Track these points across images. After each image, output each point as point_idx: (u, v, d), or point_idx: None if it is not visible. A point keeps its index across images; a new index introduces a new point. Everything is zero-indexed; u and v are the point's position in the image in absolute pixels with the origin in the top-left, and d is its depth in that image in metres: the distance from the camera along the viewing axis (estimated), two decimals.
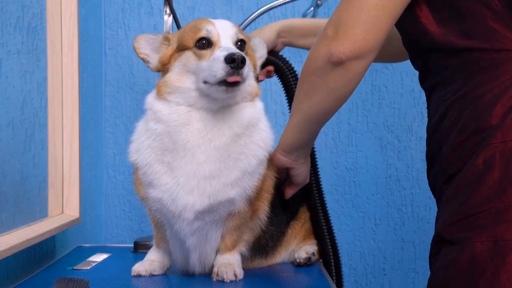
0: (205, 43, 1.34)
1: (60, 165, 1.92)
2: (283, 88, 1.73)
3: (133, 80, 2.48)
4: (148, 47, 1.43)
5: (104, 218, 2.49)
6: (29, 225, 1.69)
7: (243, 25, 1.97)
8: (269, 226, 1.53)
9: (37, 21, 1.82)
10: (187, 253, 1.45)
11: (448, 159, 1.20)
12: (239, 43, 1.37)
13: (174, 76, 1.37)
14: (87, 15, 2.24)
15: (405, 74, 2.46)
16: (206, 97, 1.34)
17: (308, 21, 1.75)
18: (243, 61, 1.25)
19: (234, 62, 1.25)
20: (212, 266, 1.47)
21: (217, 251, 1.47)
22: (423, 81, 1.35)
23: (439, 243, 1.17)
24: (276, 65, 1.70)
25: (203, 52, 1.34)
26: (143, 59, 1.44)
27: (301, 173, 1.52)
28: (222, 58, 1.26)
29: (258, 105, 1.43)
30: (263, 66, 1.66)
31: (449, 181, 1.19)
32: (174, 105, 1.35)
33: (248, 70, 1.30)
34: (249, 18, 1.99)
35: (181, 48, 1.38)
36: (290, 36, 1.72)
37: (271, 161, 1.49)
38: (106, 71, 2.48)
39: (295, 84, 1.67)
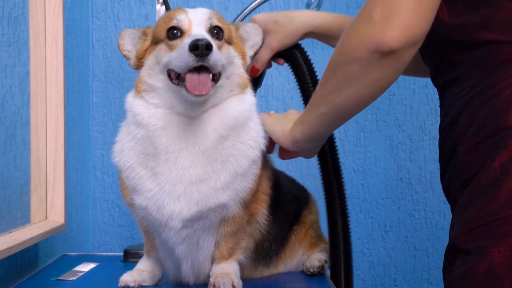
0: (176, 32, 1.35)
1: (44, 167, 1.92)
2: (297, 82, 1.63)
3: (123, 75, 2.48)
4: (130, 43, 1.45)
5: (92, 224, 2.48)
6: (10, 232, 1.69)
7: (242, 15, 1.97)
8: (270, 230, 1.53)
9: (18, 10, 1.81)
10: (178, 262, 1.46)
11: (463, 163, 1.19)
12: (215, 30, 1.37)
13: (147, 70, 1.39)
14: (73, 4, 2.24)
15: None
16: (183, 101, 1.34)
17: (339, 19, 1.62)
18: (208, 47, 1.25)
19: (197, 49, 1.25)
20: (207, 276, 1.47)
21: (213, 260, 1.47)
22: (435, 78, 1.34)
23: (453, 253, 1.17)
24: (292, 56, 1.61)
25: (174, 42, 1.34)
26: (125, 56, 1.46)
27: (305, 155, 1.51)
28: (187, 47, 1.26)
29: (248, 100, 1.42)
30: (277, 56, 1.62)
31: (464, 186, 1.18)
32: (153, 107, 1.37)
33: (218, 58, 1.30)
34: (248, 8, 1.98)
35: (155, 41, 1.40)
36: (319, 38, 1.64)
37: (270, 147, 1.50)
38: (94, 64, 2.48)
39: (312, 79, 1.59)
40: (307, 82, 1.60)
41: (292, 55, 1.61)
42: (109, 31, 2.47)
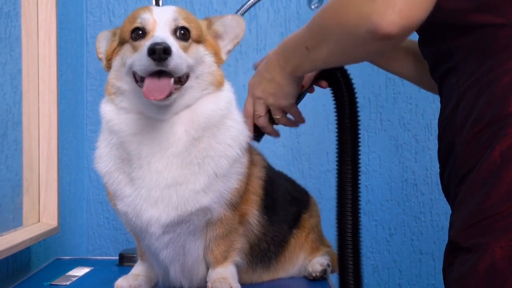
0: (140, 33, 1.35)
1: (36, 168, 1.92)
2: (335, 109, 1.49)
3: None
4: (104, 45, 1.46)
5: (86, 227, 2.49)
6: (1, 235, 1.69)
7: (241, 10, 1.97)
8: (266, 231, 1.54)
9: (10, 6, 1.82)
10: (165, 266, 1.47)
11: (461, 156, 1.17)
12: (181, 31, 1.36)
13: (114, 72, 1.40)
14: None
15: None
16: (150, 104, 1.34)
17: None
18: (165, 51, 1.25)
19: (155, 54, 1.25)
20: (202, 280, 1.48)
21: (208, 265, 1.48)
22: (433, 70, 1.32)
23: (453, 252, 1.15)
24: (334, 79, 1.49)
25: (138, 43, 1.34)
26: (100, 60, 1.46)
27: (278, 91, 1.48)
28: (145, 50, 1.27)
29: (224, 98, 1.41)
30: (320, 77, 1.53)
31: (463, 182, 1.17)
32: (123, 112, 1.38)
33: (180, 62, 1.29)
34: (248, 3, 1.98)
35: (121, 42, 1.40)
36: None
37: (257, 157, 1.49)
38: (88, 62, 2.48)
39: (351, 108, 1.47)
40: (344, 112, 1.48)
41: (335, 78, 1.52)
42: (104, 27, 2.47)
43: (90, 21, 2.48)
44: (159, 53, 1.25)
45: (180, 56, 1.30)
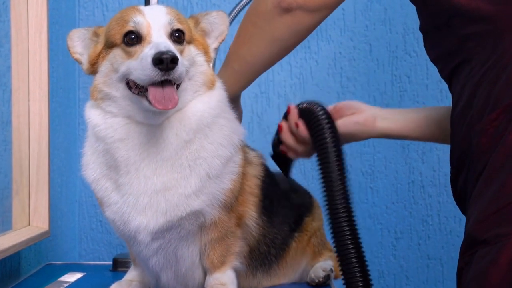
0: (134, 37, 1.34)
1: (26, 169, 1.92)
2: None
3: None
4: (81, 45, 1.44)
5: (78, 230, 2.49)
6: None
7: (241, 4, 1.97)
8: (265, 233, 1.54)
9: None
10: (156, 273, 1.48)
11: (478, 148, 1.14)
12: (176, 34, 1.37)
13: (102, 78, 1.39)
14: None
15: (430, 62, 2.45)
16: (144, 110, 1.34)
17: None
18: (173, 61, 1.26)
19: (162, 63, 1.25)
20: (199, 286, 1.49)
21: (205, 269, 1.48)
22: (442, 69, 1.31)
23: (471, 248, 1.11)
24: (314, 132, 1.41)
25: (132, 49, 1.34)
26: (77, 60, 1.45)
27: None
28: (150, 59, 1.26)
29: (215, 97, 1.42)
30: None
31: (480, 176, 1.13)
32: (110, 116, 1.38)
33: (183, 70, 1.30)
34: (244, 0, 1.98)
35: (109, 45, 1.39)
36: None
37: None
38: None
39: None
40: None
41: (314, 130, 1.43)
42: (97, 22, 2.47)
43: (82, 16, 2.48)
44: (167, 62, 1.25)
45: (182, 63, 1.30)
